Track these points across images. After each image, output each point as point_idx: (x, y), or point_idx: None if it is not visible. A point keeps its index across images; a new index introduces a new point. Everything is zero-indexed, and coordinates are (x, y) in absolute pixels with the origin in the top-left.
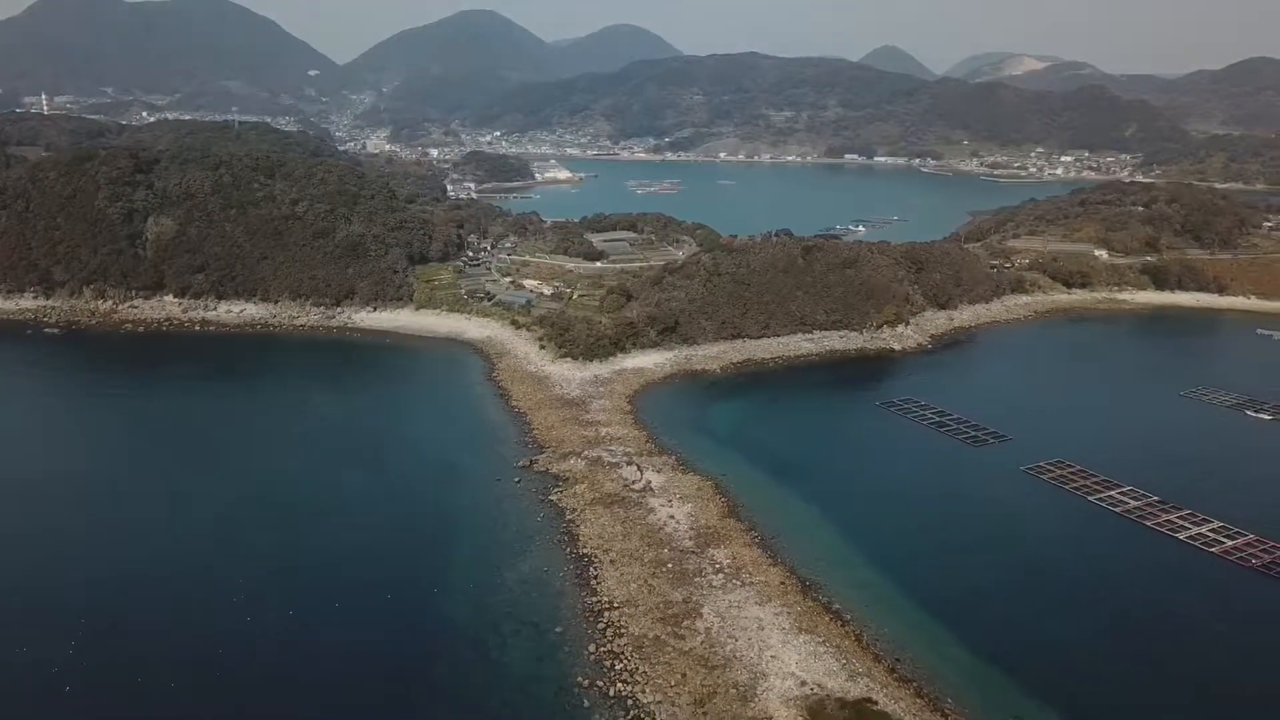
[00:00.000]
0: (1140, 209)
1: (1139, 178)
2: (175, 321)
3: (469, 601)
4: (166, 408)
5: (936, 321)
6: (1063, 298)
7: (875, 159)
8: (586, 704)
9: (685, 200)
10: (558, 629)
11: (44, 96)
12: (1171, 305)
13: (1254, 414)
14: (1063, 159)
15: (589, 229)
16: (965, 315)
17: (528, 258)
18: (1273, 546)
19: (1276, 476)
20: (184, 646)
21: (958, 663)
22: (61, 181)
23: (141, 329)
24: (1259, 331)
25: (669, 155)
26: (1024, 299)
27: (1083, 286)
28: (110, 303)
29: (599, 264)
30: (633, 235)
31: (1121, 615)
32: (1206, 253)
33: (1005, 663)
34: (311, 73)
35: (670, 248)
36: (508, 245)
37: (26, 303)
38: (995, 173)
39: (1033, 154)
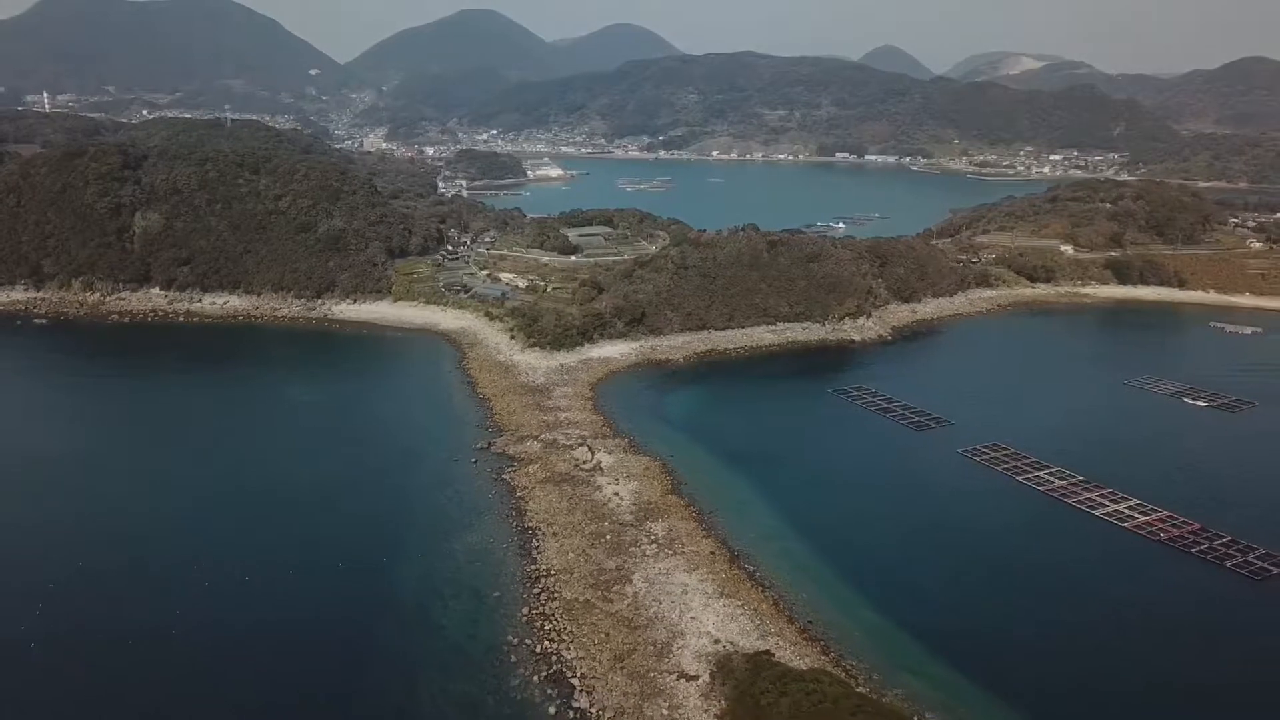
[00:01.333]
0: (1108, 206)
1: (1123, 176)
2: (161, 313)
3: (416, 569)
4: (147, 393)
5: (899, 314)
6: (1026, 291)
7: (866, 158)
8: (513, 660)
9: (674, 198)
10: (495, 594)
11: (45, 95)
12: (1132, 299)
13: (1191, 401)
14: (1051, 158)
15: (567, 224)
16: (928, 308)
17: (505, 252)
18: (1182, 522)
19: (1199, 459)
20: (143, 607)
21: (865, 624)
22: (52, 177)
23: (128, 320)
24: (1212, 324)
25: (662, 154)
26: (988, 293)
27: (1047, 281)
28: (98, 295)
29: (574, 258)
30: (608, 230)
31: (1027, 583)
32: (1170, 248)
33: (909, 624)
34: (312, 72)
35: (645, 242)
36: (487, 240)
37: (17, 295)
38: (983, 171)
39: (1021, 153)
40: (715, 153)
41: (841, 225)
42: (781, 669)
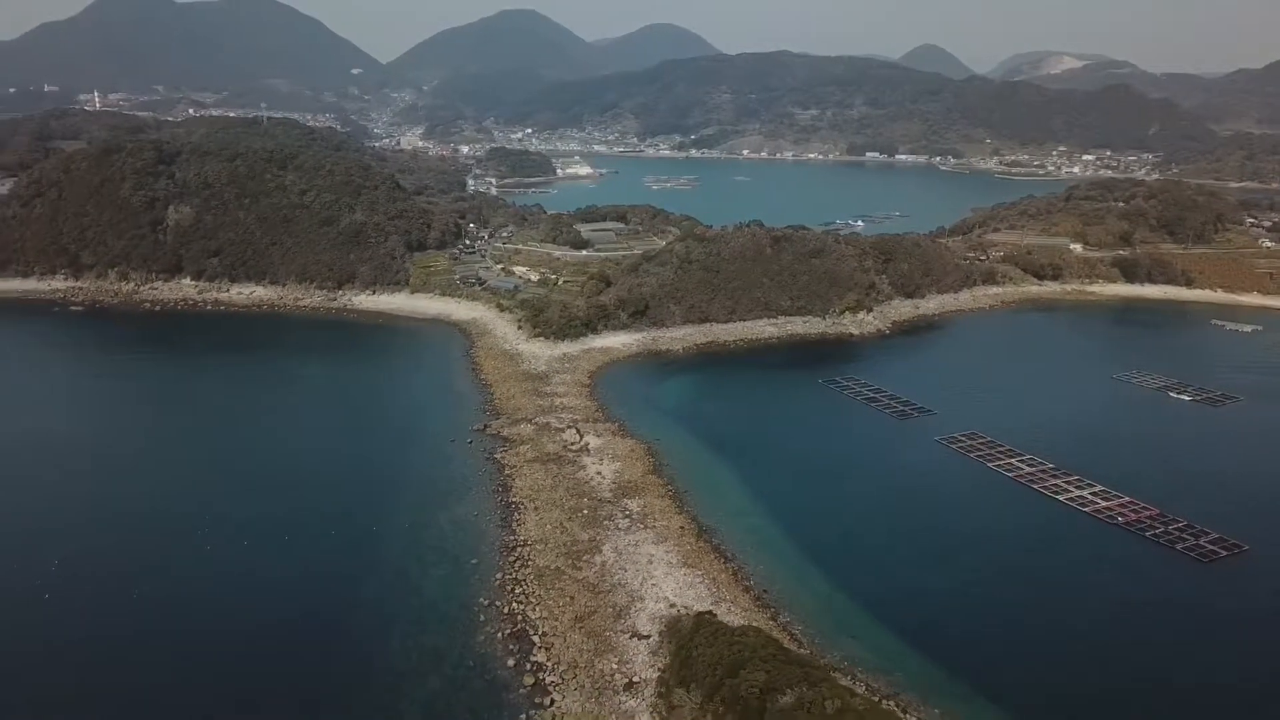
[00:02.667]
0: (1120, 205)
1: (1154, 176)
2: (190, 302)
3: (402, 538)
4: (171, 374)
5: (901, 309)
6: (1032, 289)
7: (896, 157)
8: (482, 618)
9: (699, 196)
10: (474, 560)
11: (96, 94)
12: (1138, 297)
13: (1175, 395)
14: (1083, 158)
15: (581, 220)
16: (931, 304)
17: (520, 246)
18: (1142, 508)
19: (1172, 449)
20: (151, 556)
21: (816, 593)
22: (91, 172)
23: (159, 308)
24: (1213, 322)
25: (692, 153)
26: (993, 290)
27: (1054, 279)
28: (132, 284)
29: (585, 252)
30: (620, 226)
31: (976, 559)
32: (1180, 247)
33: (857, 594)
34: (354, 71)
35: (655, 238)
36: (504, 235)
37: (57, 283)
38: (1013, 171)
39: (1054, 153)
40: (745, 152)
41: (860, 223)
42: (718, 625)
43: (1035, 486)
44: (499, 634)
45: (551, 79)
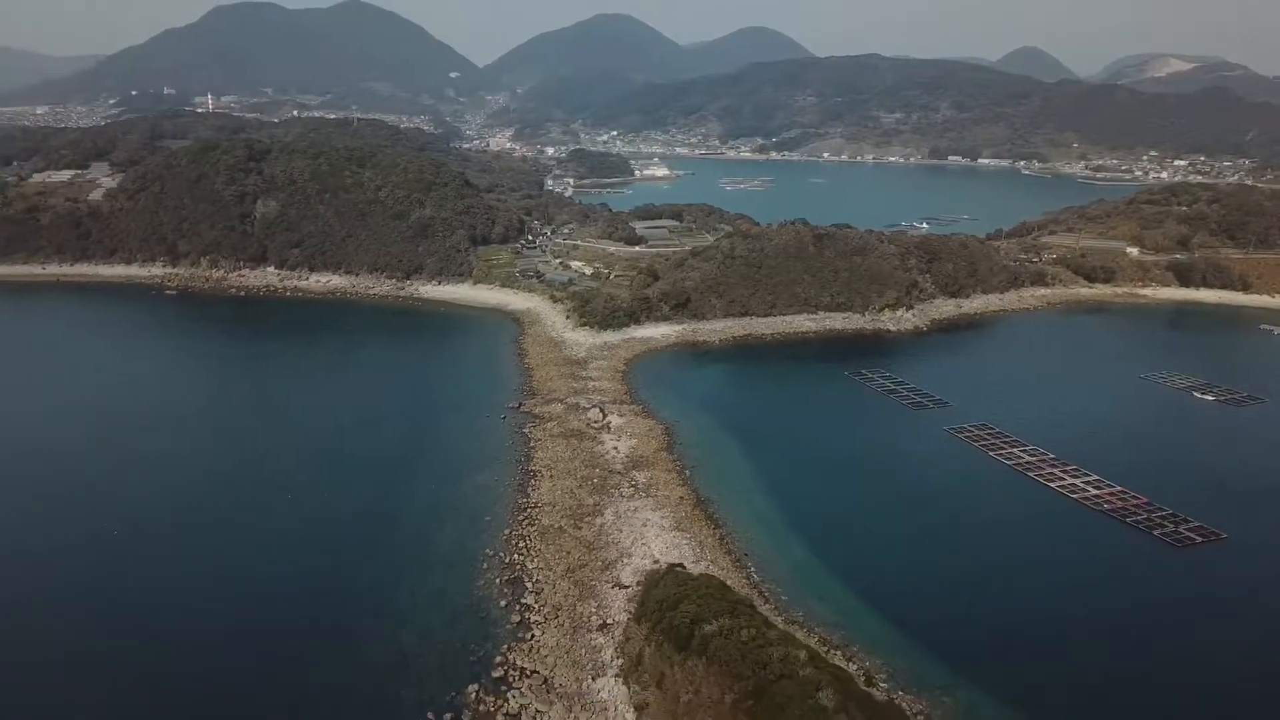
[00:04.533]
0: (1182, 209)
1: (1249, 182)
2: (272, 288)
3: (428, 498)
4: (251, 351)
5: (943, 308)
6: (1083, 291)
7: (979, 161)
8: (485, 567)
9: (772, 197)
10: (487, 518)
11: (209, 96)
12: (1192, 301)
13: (1200, 395)
14: (1175, 163)
15: (638, 217)
16: (975, 304)
17: (578, 242)
18: (1131, 497)
19: (1179, 445)
20: (206, 505)
21: (793, 558)
22: (190, 168)
23: (243, 294)
24: (1262, 327)
25: (773, 155)
26: (1041, 291)
27: (1106, 281)
28: (222, 271)
29: (638, 248)
30: (674, 223)
31: (954, 536)
32: (1241, 252)
33: (832, 562)
34: (452, 75)
35: (708, 235)
36: (565, 231)
37: (155, 269)
38: (1098, 176)
39: (1144, 158)
40: (826, 154)
41: (925, 225)
42: (683, 574)
43: (1030, 474)
44: (497, 580)
45: (640, 82)
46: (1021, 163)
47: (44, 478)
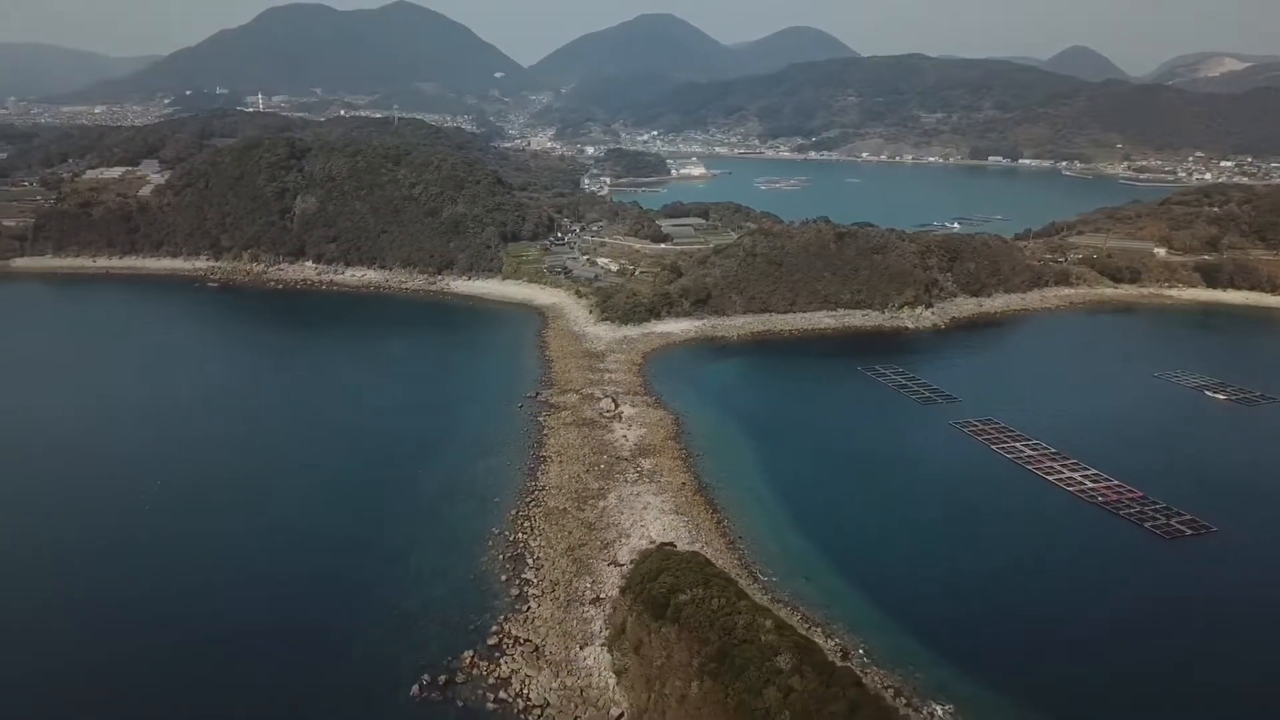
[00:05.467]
0: (1213, 210)
1: None
2: (309, 282)
3: (441, 479)
4: (287, 341)
5: (963, 307)
6: (1107, 292)
7: (1020, 161)
8: (490, 544)
9: (806, 197)
10: (496, 499)
11: (260, 96)
12: (1218, 302)
13: (1211, 394)
14: (1222, 164)
15: (665, 215)
16: (996, 303)
17: (606, 239)
18: (1127, 490)
19: (1183, 442)
20: (233, 474)
21: (786, 542)
22: (233, 165)
23: (281, 287)
24: None
25: (812, 154)
26: (1065, 291)
27: (1131, 282)
28: (262, 265)
29: (663, 245)
30: (700, 221)
31: (945, 524)
32: (1271, 253)
33: (822, 546)
34: (497, 75)
35: (733, 233)
36: (594, 229)
37: (199, 263)
38: (1140, 177)
39: (1190, 158)
40: (865, 154)
41: (956, 225)
42: (670, 551)
43: (1029, 467)
44: (500, 556)
45: (682, 82)
46: (1063, 163)
47: (85, 452)
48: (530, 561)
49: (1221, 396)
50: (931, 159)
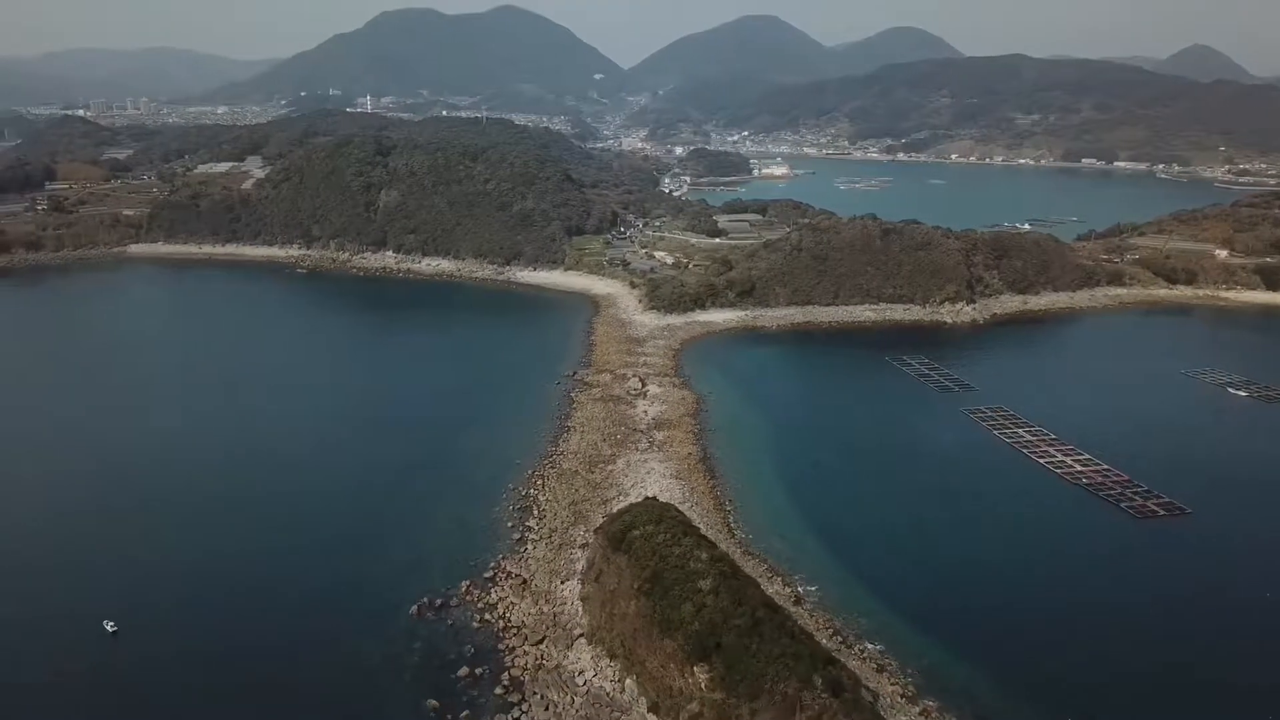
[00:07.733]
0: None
1: None
2: (388, 270)
3: (473, 442)
4: (366, 321)
5: (1007, 304)
6: (1160, 293)
7: (1114, 164)
8: (504, 496)
9: (885, 197)
10: (518, 461)
11: (369, 97)
12: (1277, 305)
13: (1234, 391)
14: None
15: (724, 212)
16: (1041, 301)
17: (664, 234)
18: (1114, 474)
19: (1188, 433)
20: (279, 436)
21: (773, 506)
22: (325, 161)
23: (363, 274)
24: None
25: (900, 156)
26: (1116, 291)
27: (1187, 283)
28: (347, 254)
29: (718, 240)
30: (756, 217)
31: (930, 496)
32: None
33: (804, 511)
34: (596, 76)
35: (787, 228)
36: (656, 224)
37: (292, 251)
38: (1239, 180)
39: None
40: (954, 155)
41: (1028, 225)
42: (650, 502)
43: (1025, 451)
44: (511, 507)
45: (778, 83)
46: (1159, 166)
47: (178, 410)
48: (535, 512)
49: (1243, 393)
50: (1023, 160)
